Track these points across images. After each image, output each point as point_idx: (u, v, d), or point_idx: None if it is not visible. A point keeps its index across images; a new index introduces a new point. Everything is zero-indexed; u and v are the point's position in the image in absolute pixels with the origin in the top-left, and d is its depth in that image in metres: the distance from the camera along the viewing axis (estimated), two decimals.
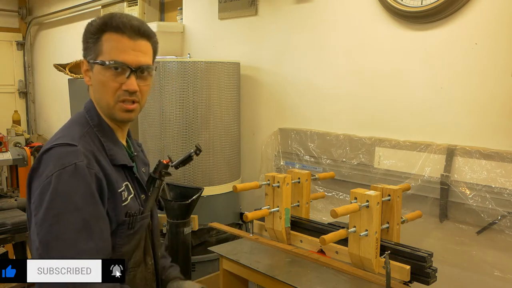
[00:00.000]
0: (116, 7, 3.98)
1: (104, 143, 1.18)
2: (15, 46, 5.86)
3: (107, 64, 1.14)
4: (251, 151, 3.00)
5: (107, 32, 1.15)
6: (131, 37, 1.16)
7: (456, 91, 2.01)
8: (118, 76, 1.15)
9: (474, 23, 1.94)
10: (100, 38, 1.15)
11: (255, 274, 1.74)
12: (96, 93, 1.20)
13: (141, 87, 1.18)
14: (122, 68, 1.14)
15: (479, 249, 1.96)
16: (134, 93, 1.17)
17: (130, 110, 1.18)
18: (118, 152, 1.20)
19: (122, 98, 1.16)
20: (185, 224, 2.41)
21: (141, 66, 1.17)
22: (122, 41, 1.15)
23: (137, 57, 1.16)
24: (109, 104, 1.17)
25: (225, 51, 3.10)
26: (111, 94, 1.16)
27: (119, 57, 1.14)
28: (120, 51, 1.15)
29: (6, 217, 2.51)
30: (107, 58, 1.14)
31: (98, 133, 1.19)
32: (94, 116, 1.21)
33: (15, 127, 4.45)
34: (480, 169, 1.90)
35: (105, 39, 1.15)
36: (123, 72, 1.15)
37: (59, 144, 1.09)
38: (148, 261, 1.27)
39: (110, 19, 1.15)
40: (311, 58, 2.59)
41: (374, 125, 2.32)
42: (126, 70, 1.15)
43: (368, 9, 2.29)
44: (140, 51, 1.17)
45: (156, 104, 2.64)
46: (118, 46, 1.15)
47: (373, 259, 1.59)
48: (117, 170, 1.18)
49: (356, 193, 1.62)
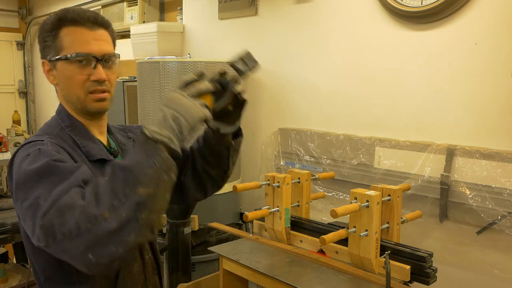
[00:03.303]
0: (116, 7, 3.99)
1: (77, 141, 1.16)
2: (15, 46, 5.86)
3: (71, 57, 1.12)
4: (251, 151, 3.00)
5: (64, 26, 1.13)
6: (90, 27, 1.14)
7: (456, 91, 2.02)
8: (84, 68, 1.13)
9: (474, 23, 1.94)
10: (58, 34, 1.13)
11: (255, 274, 1.74)
12: (64, 90, 1.18)
13: (108, 76, 1.16)
14: (87, 59, 1.12)
15: (479, 249, 1.96)
16: (103, 82, 1.15)
17: (102, 99, 1.16)
18: (93, 147, 1.17)
19: (92, 89, 1.14)
20: (185, 224, 2.41)
21: (106, 55, 1.15)
22: (82, 32, 1.13)
23: (100, 46, 1.15)
24: (80, 97, 1.15)
25: (225, 51, 3.10)
26: (80, 87, 1.14)
27: (82, 48, 1.12)
28: (82, 42, 1.13)
29: (6, 217, 2.51)
30: (70, 51, 1.12)
31: (70, 132, 1.17)
32: (65, 117, 1.19)
33: (15, 127, 4.45)
34: (480, 169, 1.90)
35: (63, 34, 1.13)
36: (89, 63, 1.13)
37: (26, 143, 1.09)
38: (145, 256, 1.25)
39: (65, 14, 1.14)
40: (311, 58, 2.59)
41: (374, 125, 2.32)
42: (91, 61, 1.13)
43: (368, 9, 2.29)
44: (101, 40, 1.16)
45: (156, 104, 2.64)
46: (79, 38, 1.13)
47: (373, 259, 1.59)
48: (95, 166, 1.15)
49: (356, 193, 1.62)
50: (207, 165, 1.30)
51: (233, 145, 1.27)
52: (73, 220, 0.86)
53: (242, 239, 2.03)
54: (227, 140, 1.26)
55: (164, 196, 0.94)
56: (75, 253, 0.88)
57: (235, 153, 1.30)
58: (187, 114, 1.00)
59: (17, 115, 5.51)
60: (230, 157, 1.29)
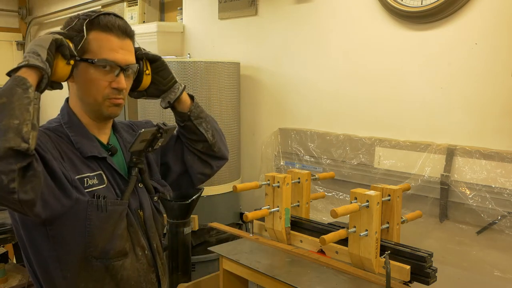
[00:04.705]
0: (116, 7, 3.98)
1: (72, 138, 1.19)
2: (15, 46, 5.86)
3: (97, 62, 1.14)
4: (251, 151, 3.01)
5: (94, 30, 1.15)
6: (118, 36, 1.17)
7: (456, 91, 2.02)
8: (107, 74, 1.17)
9: (474, 23, 1.94)
10: (87, 36, 1.15)
11: (255, 274, 1.74)
12: (81, 90, 1.20)
13: (126, 85, 1.21)
14: (111, 66, 1.16)
15: (479, 249, 1.96)
16: (122, 91, 1.19)
17: (118, 104, 1.21)
18: (86, 144, 1.20)
19: (111, 96, 1.18)
20: (185, 224, 2.41)
21: (129, 65, 1.20)
22: (110, 40, 1.16)
23: (125, 55, 1.19)
24: (97, 100, 1.18)
25: (225, 51, 3.10)
26: (99, 92, 1.17)
27: (109, 55, 1.15)
28: (110, 50, 1.16)
29: (6, 217, 2.51)
30: (97, 56, 1.15)
31: (67, 129, 1.20)
32: (65, 114, 1.23)
33: None
34: (480, 169, 1.90)
35: (92, 38, 1.15)
36: (112, 71, 1.17)
37: None
38: (138, 252, 1.25)
39: (97, 18, 1.16)
40: (311, 58, 2.59)
41: (374, 125, 2.32)
42: (115, 69, 1.17)
43: (368, 9, 2.30)
44: (127, 49, 1.20)
45: (156, 103, 2.62)
46: (107, 45, 1.16)
47: (373, 259, 1.59)
48: (88, 162, 1.18)
49: (356, 193, 1.62)
50: (191, 142, 1.45)
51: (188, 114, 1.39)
52: None
53: (242, 239, 2.03)
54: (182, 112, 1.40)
55: (26, 107, 0.96)
56: None
57: (201, 120, 1.42)
58: (39, 41, 1.05)
59: None
60: (198, 126, 1.41)
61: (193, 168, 1.47)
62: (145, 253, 1.28)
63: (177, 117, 1.43)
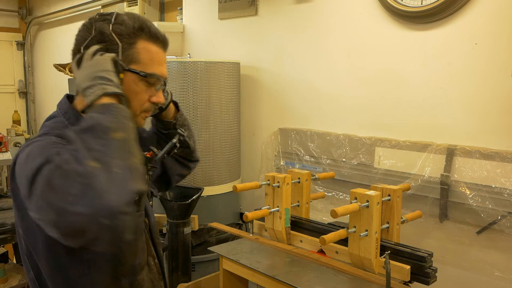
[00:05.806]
0: (116, 7, 3.98)
1: None
2: (15, 46, 5.86)
3: (148, 76, 1.09)
4: (251, 151, 3.01)
5: (142, 39, 1.09)
6: (163, 48, 1.14)
7: (456, 91, 2.02)
8: (149, 88, 1.12)
9: (474, 23, 1.94)
10: (135, 44, 1.08)
11: (255, 274, 1.74)
12: None
13: None
14: (158, 81, 1.13)
15: (479, 249, 1.96)
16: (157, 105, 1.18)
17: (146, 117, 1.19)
18: None
19: (148, 109, 1.16)
20: (185, 224, 2.41)
21: (166, 79, 1.17)
22: (158, 52, 1.12)
23: (165, 69, 1.15)
24: (135, 112, 1.13)
25: (225, 51, 3.10)
26: (140, 105, 1.13)
27: (158, 70, 1.11)
28: (158, 64, 1.12)
29: (6, 217, 2.51)
30: (147, 69, 1.09)
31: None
32: (72, 116, 1.12)
33: (15, 127, 4.45)
34: (480, 169, 1.90)
35: (141, 47, 1.09)
36: (155, 85, 1.13)
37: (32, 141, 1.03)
38: (151, 262, 1.24)
39: (146, 25, 1.10)
40: (311, 58, 2.60)
41: (374, 125, 2.32)
42: (158, 83, 1.13)
43: (368, 9, 2.30)
44: (165, 62, 1.16)
45: None
46: (157, 59, 1.11)
47: (373, 259, 1.59)
48: None
49: (356, 193, 1.62)
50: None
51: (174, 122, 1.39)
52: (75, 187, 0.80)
53: (242, 239, 2.03)
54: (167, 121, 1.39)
55: (136, 143, 0.91)
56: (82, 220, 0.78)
57: (184, 128, 1.41)
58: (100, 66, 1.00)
59: (17, 115, 5.51)
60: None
61: (172, 170, 1.47)
62: (155, 261, 1.27)
63: (159, 125, 1.40)
